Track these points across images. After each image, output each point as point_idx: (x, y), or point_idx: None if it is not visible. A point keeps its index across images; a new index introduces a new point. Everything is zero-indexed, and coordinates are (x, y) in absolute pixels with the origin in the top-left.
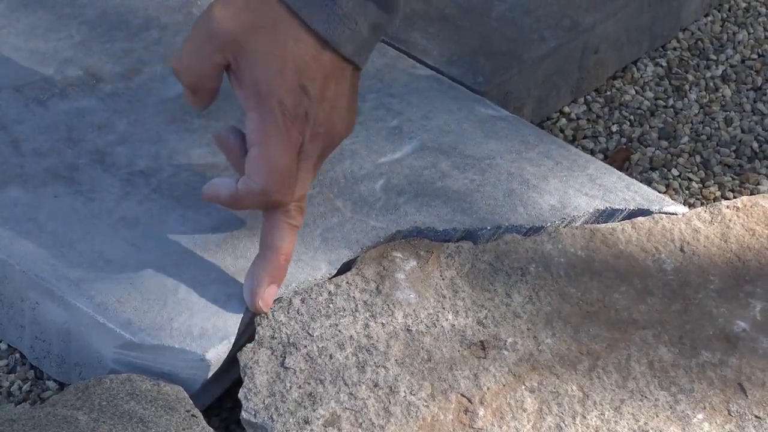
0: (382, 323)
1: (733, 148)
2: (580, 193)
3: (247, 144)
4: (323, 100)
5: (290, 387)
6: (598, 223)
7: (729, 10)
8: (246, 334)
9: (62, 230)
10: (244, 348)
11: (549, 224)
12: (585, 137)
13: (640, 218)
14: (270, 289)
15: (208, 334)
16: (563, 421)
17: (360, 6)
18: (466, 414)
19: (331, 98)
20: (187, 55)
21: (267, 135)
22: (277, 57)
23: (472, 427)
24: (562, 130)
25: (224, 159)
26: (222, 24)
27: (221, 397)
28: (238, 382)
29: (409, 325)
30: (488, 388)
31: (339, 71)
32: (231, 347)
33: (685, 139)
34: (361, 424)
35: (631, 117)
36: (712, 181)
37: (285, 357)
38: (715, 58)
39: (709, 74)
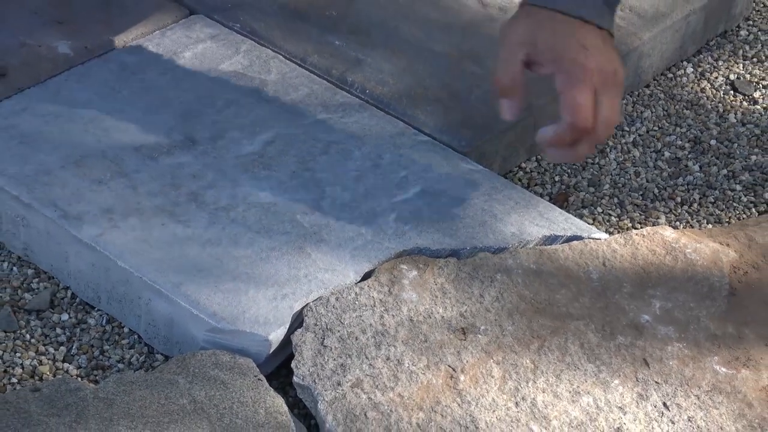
0: (393, 315)
1: (641, 193)
2: (532, 224)
3: (559, 94)
4: (598, 52)
5: (328, 360)
6: (545, 245)
7: (638, 95)
8: (297, 322)
9: (167, 248)
10: (296, 332)
11: (510, 246)
12: (536, 184)
13: (574, 242)
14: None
15: (270, 322)
16: (519, 385)
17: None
18: (451, 379)
19: (601, 50)
20: (500, 63)
21: (570, 84)
22: (559, 33)
23: (456, 389)
24: (520, 180)
25: (282, 200)
26: (514, 33)
27: (279, 366)
28: (291, 356)
29: (411, 317)
30: (467, 362)
31: (599, 35)
32: (286, 331)
33: (607, 186)
34: (377, 386)
35: (569, 170)
36: (626, 216)
37: (324, 338)
38: (628, 129)
39: (624, 140)
